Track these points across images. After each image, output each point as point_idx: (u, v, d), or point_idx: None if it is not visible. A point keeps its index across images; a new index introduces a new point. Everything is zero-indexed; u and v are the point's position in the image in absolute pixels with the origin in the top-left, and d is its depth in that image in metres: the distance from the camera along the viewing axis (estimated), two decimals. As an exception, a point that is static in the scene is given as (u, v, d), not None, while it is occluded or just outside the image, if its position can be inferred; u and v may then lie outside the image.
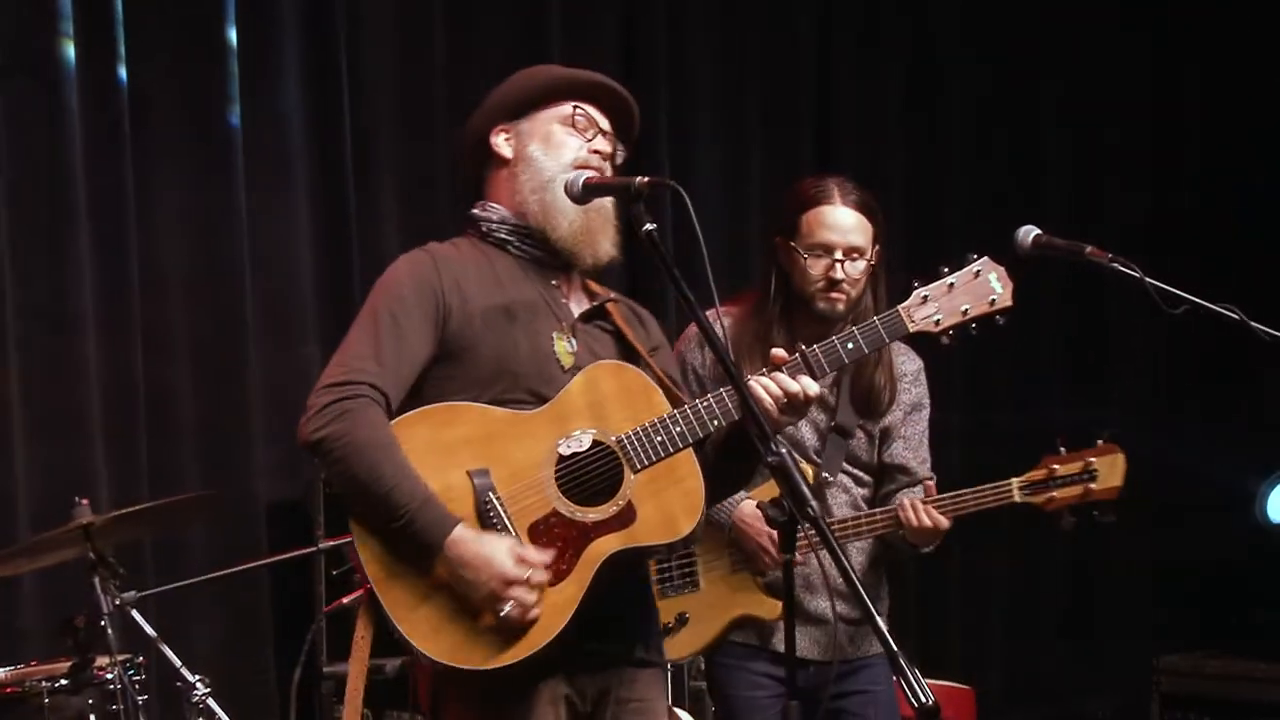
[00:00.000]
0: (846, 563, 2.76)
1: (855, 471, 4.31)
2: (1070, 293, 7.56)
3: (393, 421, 3.30)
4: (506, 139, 3.54)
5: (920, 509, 4.11)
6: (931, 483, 4.16)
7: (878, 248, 4.19)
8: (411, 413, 3.33)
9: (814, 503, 2.84)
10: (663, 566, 4.21)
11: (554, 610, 3.28)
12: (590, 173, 3.42)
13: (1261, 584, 7.17)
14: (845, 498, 4.29)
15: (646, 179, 3.23)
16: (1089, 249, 4.05)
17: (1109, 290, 7.49)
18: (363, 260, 5.77)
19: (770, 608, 4.22)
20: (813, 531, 2.81)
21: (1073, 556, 7.61)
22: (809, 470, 4.21)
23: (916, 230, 7.09)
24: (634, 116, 3.62)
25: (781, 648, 4.13)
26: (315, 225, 5.79)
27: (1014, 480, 4.16)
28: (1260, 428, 7.30)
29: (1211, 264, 6.65)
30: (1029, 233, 4.11)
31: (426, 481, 3.26)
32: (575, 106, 3.52)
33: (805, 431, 4.25)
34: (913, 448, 4.35)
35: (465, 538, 3.24)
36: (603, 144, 3.52)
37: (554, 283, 3.52)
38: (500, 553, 3.24)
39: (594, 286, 3.64)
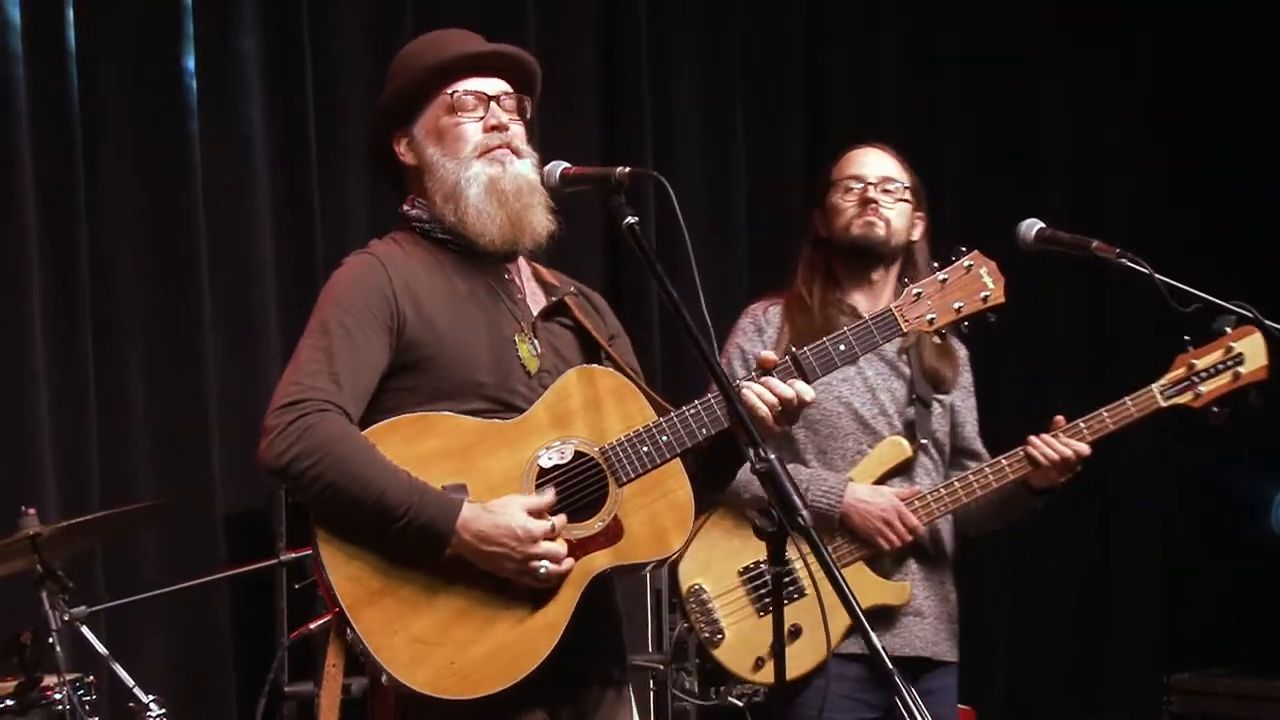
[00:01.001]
0: (838, 572, 2.77)
1: (932, 444, 4.36)
2: (1073, 290, 7.58)
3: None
4: (407, 145, 3.52)
5: (1054, 440, 4.15)
6: (1060, 417, 4.19)
7: (915, 191, 4.31)
8: (380, 424, 3.31)
9: (805, 512, 2.85)
10: (753, 575, 4.17)
11: (539, 634, 3.28)
12: (565, 164, 3.41)
13: (1277, 598, 7.19)
14: (929, 465, 4.33)
15: (628, 169, 3.23)
16: (1095, 244, 4.08)
17: (1113, 288, 7.50)
18: (327, 254, 5.77)
19: (899, 591, 4.22)
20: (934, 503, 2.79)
21: (1080, 572, 7.63)
22: (906, 446, 4.25)
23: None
24: (522, 62, 3.55)
25: (885, 647, 4.17)
26: (277, 216, 5.79)
27: (1154, 385, 4.18)
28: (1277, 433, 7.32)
29: (1219, 264, 6.69)
30: (1032, 226, 4.14)
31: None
32: (450, 93, 3.46)
33: (886, 401, 4.28)
34: (976, 433, 4.44)
35: (475, 514, 3.23)
36: (499, 114, 3.46)
37: (506, 276, 3.50)
38: (517, 514, 3.24)
39: (545, 274, 3.62)
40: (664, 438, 3.36)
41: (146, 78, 5.58)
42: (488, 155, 3.44)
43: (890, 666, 2.74)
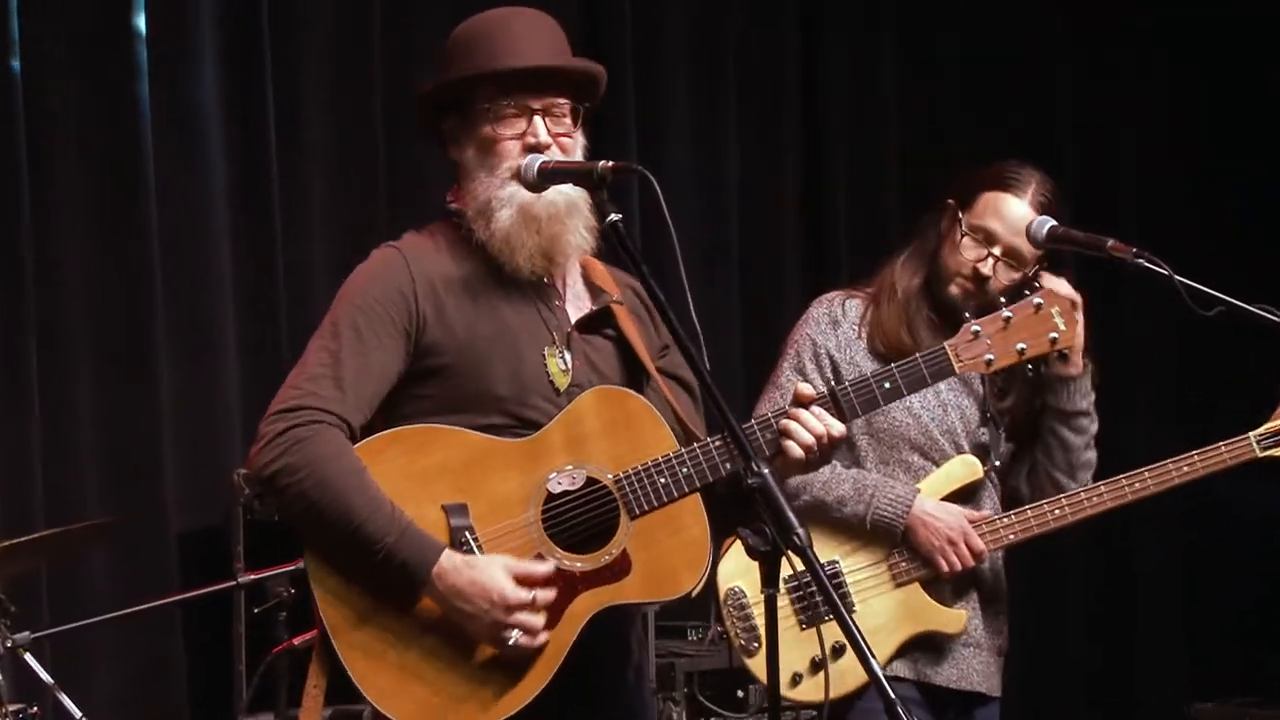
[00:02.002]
0: (833, 594, 2.76)
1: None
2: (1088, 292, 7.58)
3: (358, 445, 3.27)
4: (452, 141, 3.48)
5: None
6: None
7: (1040, 269, 4.18)
8: (381, 435, 3.31)
9: (800, 530, 2.84)
10: (797, 586, 4.12)
11: (530, 672, 3.26)
12: (543, 158, 3.38)
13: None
14: (994, 490, 4.31)
15: (611, 163, 3.22)
16: (1111, 243, 4.08)
17: (1126, 289, 7.50)
18: (287, 260, 5.76)
19: (954, 619, 4.20)
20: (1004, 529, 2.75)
21: (1101, 601, 7.64)
22: (978, 466, 4.23)
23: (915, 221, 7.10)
24: (581, 74, 3.50)
25: (941, 679, 4.18)
26: (234, 221, 5.77)
27: (1251, 434, 4.17)
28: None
29: (1235, 263, 6.71)
30: (1044, 224, 4.14)
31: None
32: (487, 106, 3.40)
33: (955, 419, 4.26)
34: None
35: (454, 565, 3.21)
36: (539, 131, 3.40)
37: (546, 280, 3.46)
38: (497, 576, 3.21)
39: (597, 273, 3.57)
40: (684, 470, 3.33)
41: (95, 70, 5.55)
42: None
43: (893, 697, 2.73)
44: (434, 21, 6.06)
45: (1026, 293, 3.58)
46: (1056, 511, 4.19)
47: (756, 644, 4.11)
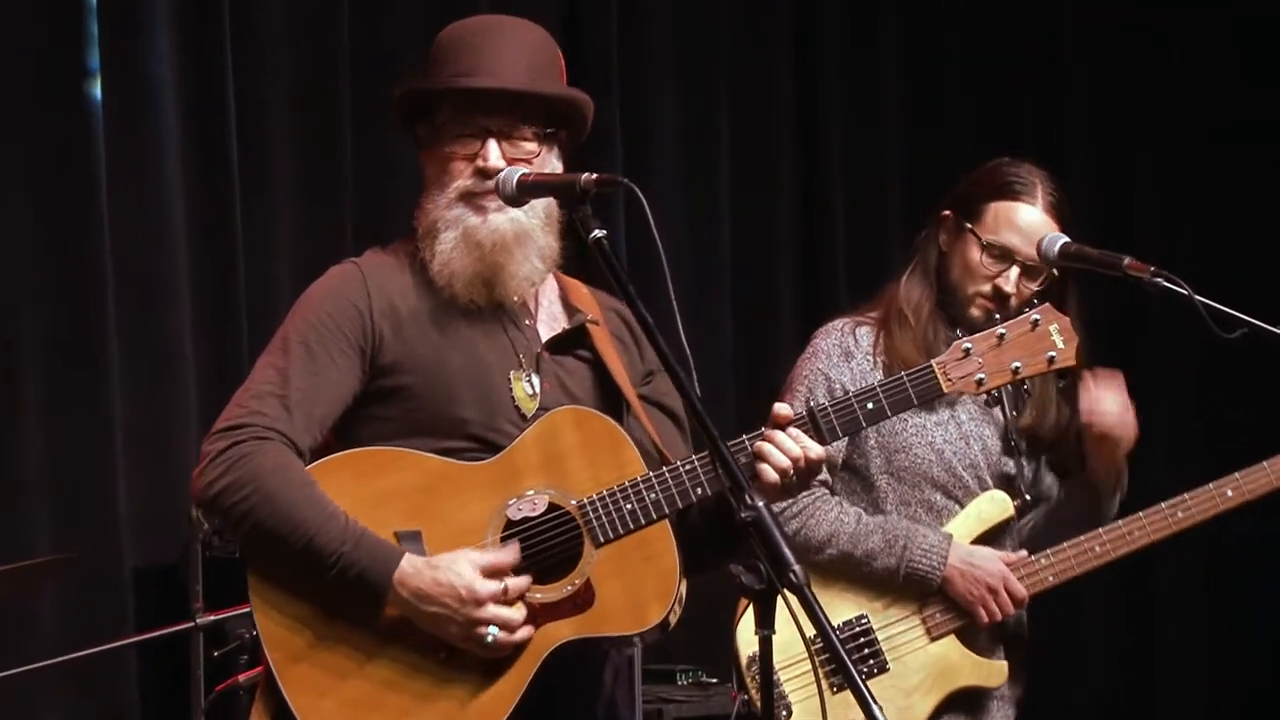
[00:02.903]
0: (838, 643, 2.75)
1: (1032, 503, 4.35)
2: (1100, 312, 7.58)
3: (309, 466, 3.28)
4: (423, 144, 3.50)
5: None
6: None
7: (1055, 272, 4.20)
8: (334, 456, 3.31)
9: (797, 568, 2.83)
10: (827, 656, 4.10)
11: (485, 709, 3.25)
12: (523, 170, 3.38)
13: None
14: (1013, 527, 4.31)
15: (595, 176, 3.23)
16: (1128, 260, 4.08)
17: (1145, 310, 7.51)
18: (249, 276, 5.74)
19: (996, 671, 4.18)
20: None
21: (1120, 638, 7.65)
22: (1009, 504, 4.21)
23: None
24: (563, 100, 3.50)
25: None
26: (191, 233, 5.75)
27: (1264, 464, 4.20)
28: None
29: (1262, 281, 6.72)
30: (1055, 240, 4.14)
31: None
32: (447, 123, 3.42)
33: (977, 450, 4.24)
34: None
35: (416, 568, 3.22)
36: (492, 154, 3.40)
37: (516, 299, 3.47)
38: (464, 571, 3.22)
39: (576, 293, 3.58)
40: (652, 495, 3.32)
41: (46, 65, 5.54)
42: (470, 200, 3.41)
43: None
44: (405, 22, 6.08)
45: (1023, 308, 3.57)
46: (1097, 548, 4.18)
47: (786, 713, 4.09)
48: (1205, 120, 7.77)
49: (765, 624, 2.98)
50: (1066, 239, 4.15)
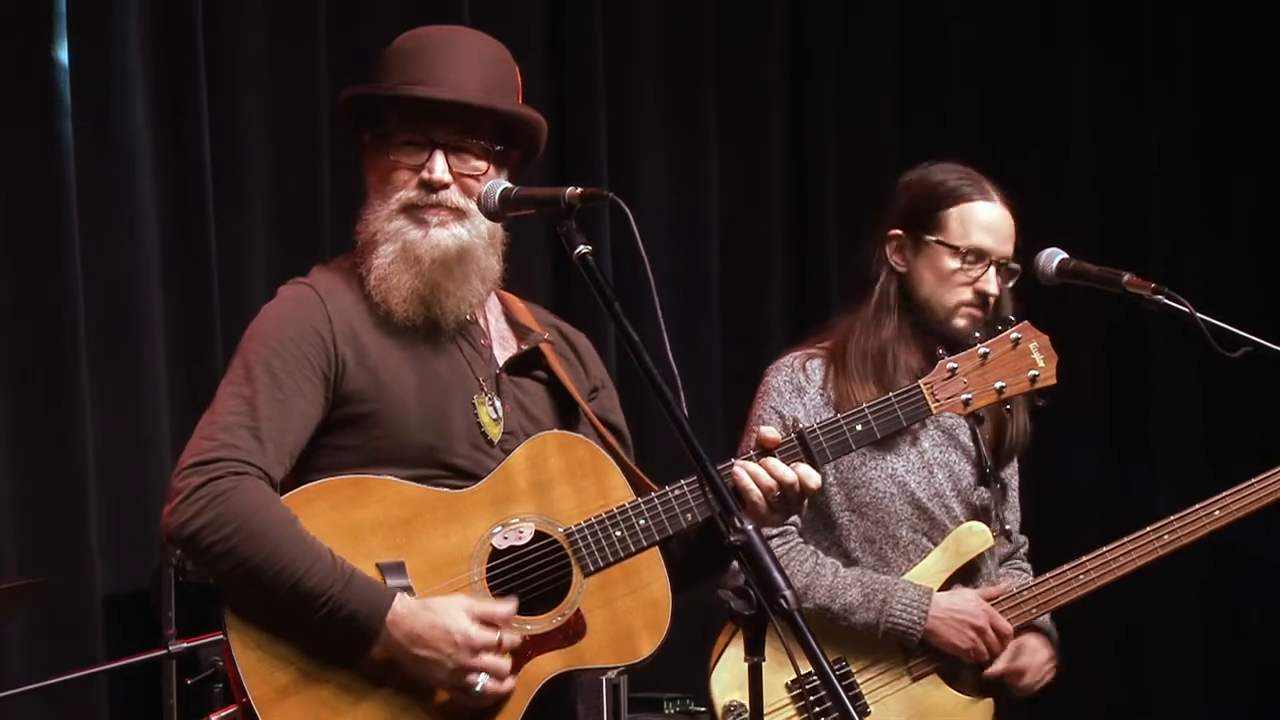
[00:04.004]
0: (830, 672, 2.74)
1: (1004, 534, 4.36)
2: (1102, 331, 7.60)
3: (283, 497, 3.26)
4: (368, 151, 3.50)
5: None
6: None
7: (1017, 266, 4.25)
8: (309, 486, 3.30)
9: (787, 593, 2.83)
10: (805, 690, 4.09)
11: None
12: (505, 183, 3.37)
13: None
14: (994, 559, 4.32)
15: (579, 190, 3.22)
16: (1127, 277, 4.10)
17: (1145, 328, 7.51)
18: (223, 300, 5.72)
19: (983, 711, 4.20)
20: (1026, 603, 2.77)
21: (1116, 657, 7.64)
22: (989, 535, 4.22)
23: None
24: (513, 117, 3.50)
25: None
26: (165, 257, 5.74)
27: None
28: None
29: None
30: (1053, 257, 4.15)
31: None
32: (395, 131, 3.42)
33: (942, 479, 4.25)
34: (1014, 507, 4.42)
35: (410, 610, 3.22)
36: (438, 166, 3.41)
37: (469, 317, 3.47)
38: (458, 618, 3.22)
39: (518, 310, 3.58)
40: (641, 522, 3.33)
41: (9, 76, 5.53)
42: (412, 213, 3.40)
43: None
44: (385, 40, 6.05)
45: (1001, 327, 3.58)
46: (1081, 576, 4.18)
47: None
48: (1211, 131, 7.78)
49: (755, 650, 2.97)
50: (1064, 255, 4.15)
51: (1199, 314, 3.99)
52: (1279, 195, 7.56)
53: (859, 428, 3.45)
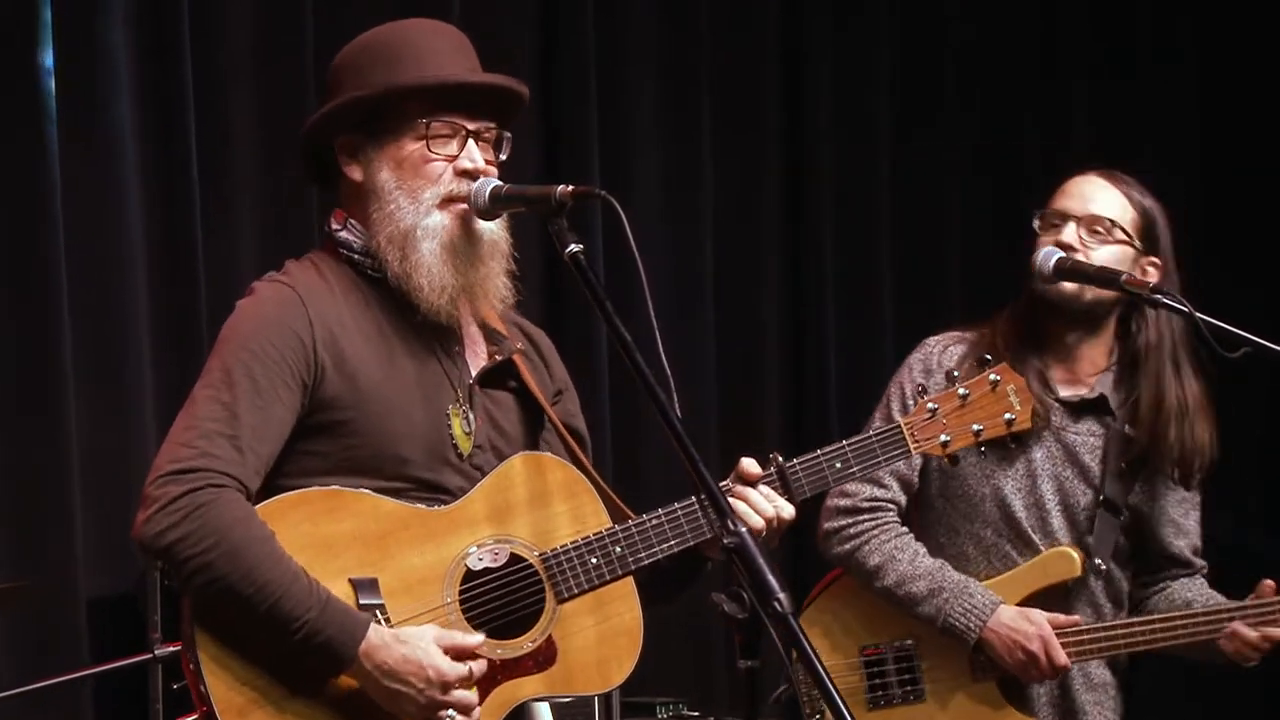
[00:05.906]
0: (826, 676, 2.74)
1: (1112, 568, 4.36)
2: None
3: (258, 506, 3.24)
4: (355, 156, 3.44)
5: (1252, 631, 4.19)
6: (1269, 585, 4.22)
7: (1149, 252, 4.30)
8: (285, 496, 3.28)
9: (781, 596, 2.82)
10: (876, 660, 4.19)
11: None
12: (496, 181, 3.37)
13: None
14: (1097, 592, 4.32)
15: (571, 188, 3.23)
16: (1125, 276, 4.09)
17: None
18: (211, 302, 5.71)
19: None
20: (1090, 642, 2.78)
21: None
22: (1076, 557, 4.21)
23: (908, 258, 7.11)
24: (513, 95, 3.49)
25: None
26: (151, 258, 5.73)
27: None
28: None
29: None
30: (1050, 256, 4.17)
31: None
32: (424, 121, 3.38)
33: (1047, 494, 4.27)
34: (1190, 532, 4.42)
35: (384, 641, 3.20)
36: (474, 156, 3.40)
37: (448, 323, 3.45)
38: (430, 651, 3.20)
39: (492, 318, 3.56)
40: (618, 549, 3.32)
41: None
42: (449, 206, 3.38)
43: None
44: (368, 16, 6.06)
45: (980, 368, 3.60)
46: (1149, 634, 4.20)
47: (819, 718, 4.18)
48: (1211, 131, 7.80)
49: (748, 654, 2.98)
50: (1061, 254, 4.17)
51: (1199, 314, 3.99)
52: (1279, 195, 7.57)
53: (838, 465, 3.48)
